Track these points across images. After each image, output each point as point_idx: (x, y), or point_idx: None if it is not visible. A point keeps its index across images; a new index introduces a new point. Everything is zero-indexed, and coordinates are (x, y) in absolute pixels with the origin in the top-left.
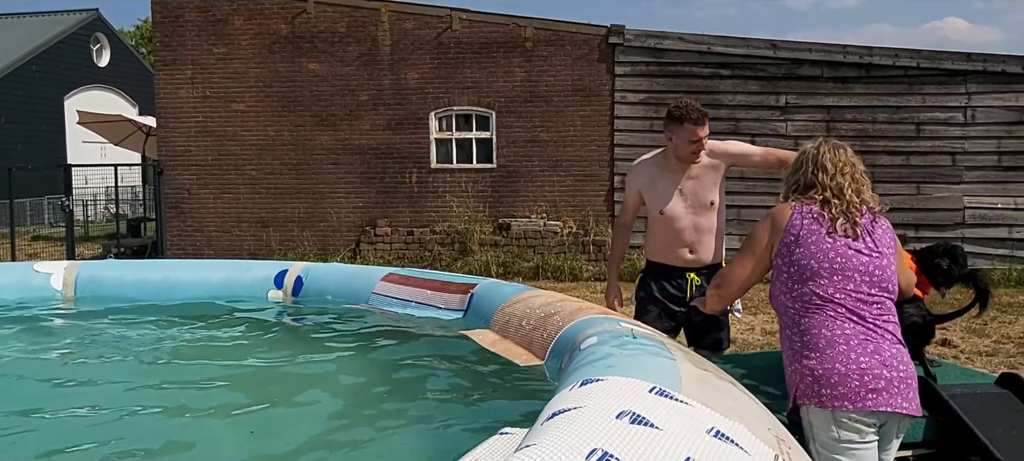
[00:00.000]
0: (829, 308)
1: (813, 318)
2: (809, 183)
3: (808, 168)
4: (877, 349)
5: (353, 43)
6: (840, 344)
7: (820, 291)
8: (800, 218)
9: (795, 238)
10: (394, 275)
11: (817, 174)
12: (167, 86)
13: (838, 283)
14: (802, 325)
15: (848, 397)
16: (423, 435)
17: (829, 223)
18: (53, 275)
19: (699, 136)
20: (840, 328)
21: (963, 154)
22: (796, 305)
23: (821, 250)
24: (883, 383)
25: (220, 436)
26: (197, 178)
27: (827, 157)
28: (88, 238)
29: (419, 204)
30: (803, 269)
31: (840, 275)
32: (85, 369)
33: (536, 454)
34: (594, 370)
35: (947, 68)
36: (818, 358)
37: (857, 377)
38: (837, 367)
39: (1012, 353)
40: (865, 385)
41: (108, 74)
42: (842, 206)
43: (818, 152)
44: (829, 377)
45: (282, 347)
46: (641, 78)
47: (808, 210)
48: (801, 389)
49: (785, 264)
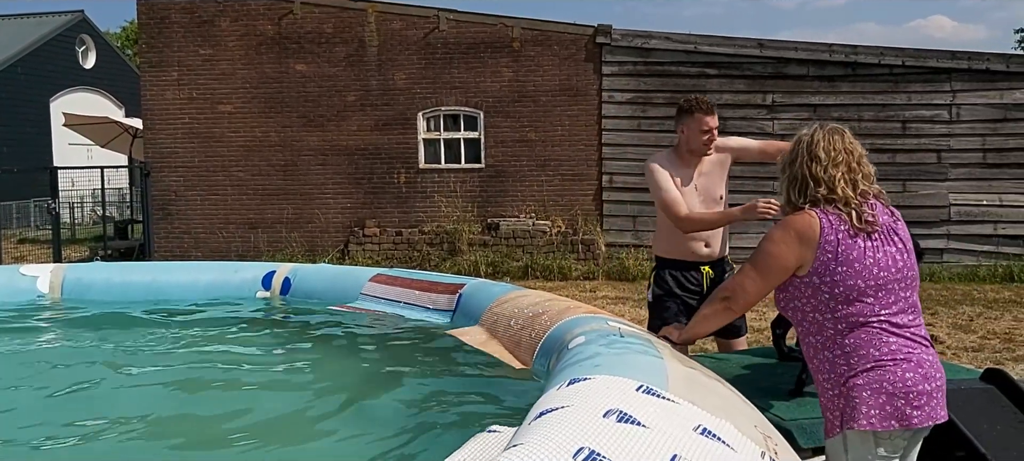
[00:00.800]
0: (873, 325)
1: (858, 337)
2: (805, 177)
3: (802, 158)
4: (919, 362)
5: (340, 44)
6: (887, 362)
7: (867, 310)
8: (834, 233)
9: (833, 256)
10: (382, 275)
11: (810, 165)
12: (153, 88)
13: (882, 299)
14: (846, 346)
15: (895, 416)
16: (411, 433)
17: (863, 234)
18: (39, 278)
19: (710, 125)
20: (885, 345)
21: (948, 151)
22: (838, 325)
23: (865, 267)
24: (924, 399)
25: (207, 437)
26: (184, 180)
27: (821, 146)
28: (75, 241)
29: (407, 204)
30: (850, 290)
31: (884, 291)
32: (71, 372)
33: (524, 453)
34: (582, 369)
35: (932, 66)
36: (867, 378)
37: (903, 396)
38: (884, 386)
39: (998, 349)
40: (910, 403)
41: (94, 76)
42: (848, 209)
43: (812, 140)
44: (877, 396)
45: (270, 348)
46: (628, 77)
47: (836, 219)
48: (848, 411)
49: (826, 284)
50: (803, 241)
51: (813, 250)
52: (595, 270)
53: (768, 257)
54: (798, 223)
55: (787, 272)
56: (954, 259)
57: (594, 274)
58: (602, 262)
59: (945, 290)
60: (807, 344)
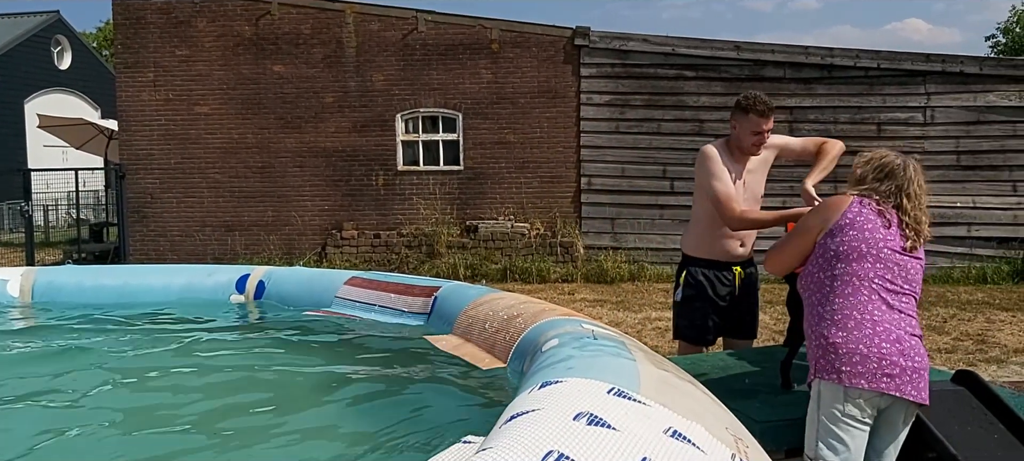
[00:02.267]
0: (863, 289)
1: (846, 297)
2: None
3: (892, 177)
4: (898, 338)
5: (318, 45)
6: (866, 326)
7: (860, 272)
8: (858, 206)
9: (850, 222)
10: (357, 279)
11: (900, 196)
12: (129, 89)
13: (879, 270)
14: (834, 302)
15: (864, 376)
16: (384, 440)
17: (896, 227)
18: (9, 281)
19: (762, 129)
20: (869, 311)
21: (923, 154)
22: (832, 282)
23: (874, 238)
24: (897, 371)
25: (177, 443)
26: (160, 182)
27: (915, 184)
28: (49, 244)
29: (386, 207)
30: (851, 249)
31: (882, 264)
32: (39, 376)
33: (493, 457)
34: (554, 372)
35: (907, 69)
36: (844, 336)
37: (875, 360)
38: (859, 347)
39: (971, 350)
40: (882, 368)
41: (69, 77)
42: (909, 221)
43: (911, 175)
44: (851, 355)
45: (243, 353)
46: (607, 79)
47: (869, 203)
48: (822, 362)
49: (833, 242)
50: (829, 207)
51: (836, 214)
52: (574, 273)
53: (801, 225)
54: (833, 200)
55: (810, 233)
56: (928, 261)
57: (573, 276)
58: (581, 265)
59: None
60: (809, 305)
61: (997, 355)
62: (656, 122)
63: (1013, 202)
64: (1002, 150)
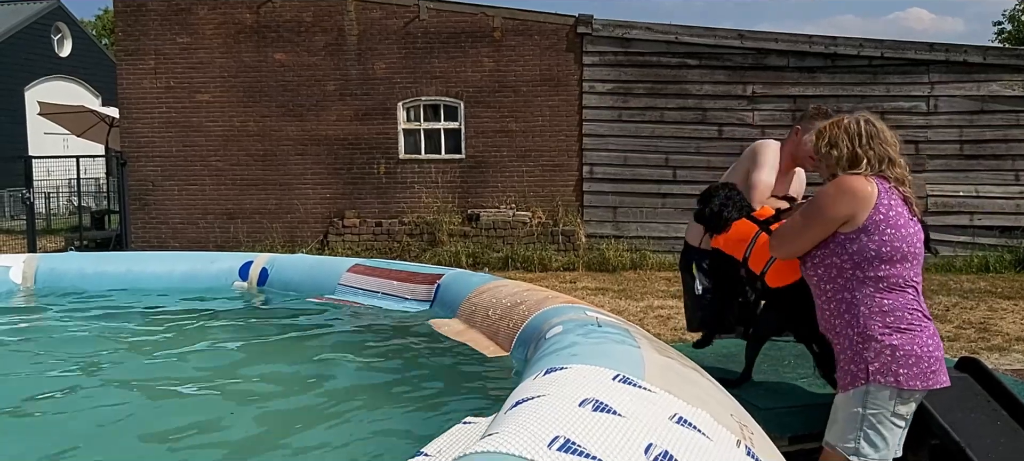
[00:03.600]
0: (909, 291)
1: (896, 299)
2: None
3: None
4: (933, 331)
5: (319, 33)
6: (917, 327)
7: (905, 274)
8: (887, 197)
9: (884, 217)
10: (360, 266)
11: (884, 146)
12: (130, 76)
13: (914, 267)
14: (884, 305)
15: (919, 377)
16: (387, 425)
17: (908, 205)
18: (12, 268)
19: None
20: (916, 312)
21: (926, 143)
22: (878, 284)
23: (909, 234)
24: (939, 364)
25: (179, 427)
26: (161, 170)
27: (887, 131)
28: (50, 231)
29: (387, 195)
30: (895, 251)
31: (915, 261)
32: (42, 362)
33: (499, 442)
34: (559, 359)
35: (910, 58)
36: (901, 338)
37: (927, 360)
38: (915, 349)
39: (973, 338)
40: (931, 366)
41: (70, 64)
42: (908, 187)
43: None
44: (908, 358)
45: (246, 339)
46: (609, 68)
47: (889, 187)
48: (876, 365)
49: (874, 242)
50: (857, 197)
51: (867, 208)
52: (575, 261)
53: (819, 210)
54: (853, 182)
55: (833, 225)
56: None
57: (574, 265)
58: (582, 253)
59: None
60: (838, 301)
61: (999, 343)
62: (659, 110)
63: (1016, 191)
64: (1005, 139)
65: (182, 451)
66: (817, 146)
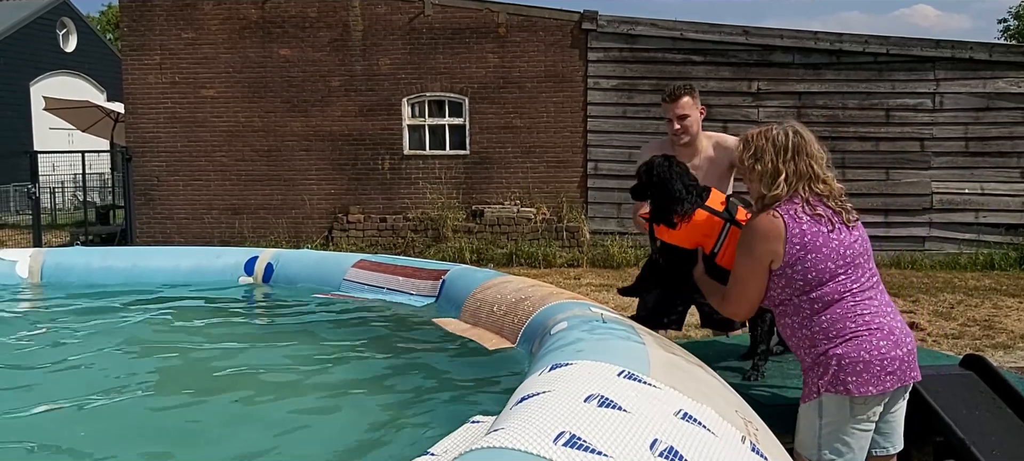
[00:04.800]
0: (847, 299)
1: (833, 313)
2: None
3: (803, 153)
4: (890, 330)
5: (324, 28)
6: (862, 332)
7: (840, 288)
8: (796, 225)
9: (801, 246)
10: (365, 261)
11: (809, 161)
12: (135, 72)
13: (852, 274)
14: (823, 323)
15: (870, 382)
16: (393, 421)
17: (827, 220)
18: (18, 262)
19: (671, 114)
20: (859, 317)
21: (931, 140)
22: (813, 306)
23: (832, 250)
24: (897, 364)
25: (186, 422)
26: (166, 165)
27: (814, 143)
28: (56, 226)
29: (392, 191)
30: (822, 273)
31: (853, 267)
32: (48, 357)
33: (505, 438)
34: (564, 355)
35: (916, 55)
36: (846, 347)
37: (878, 363)
38: (862, 354)
39: (978, 336)
40: (884, 369)
41: (75, 59)
42: (835, 199)
43: (805, 139)
44: (854, 365)
45: (251, 334)
46: (614, 64)
47: (797, 211)
48: (825, 379)
49: (798, 273)
50: (769, 238)
51: (781, 243)
52: (579, 257)
53: (749, 264)
54: (762, 224)
55: (765, 266)
56: (936, 247)
57: (578, 261)
58: (586, 249)
59: (926, 278)
60: (784, 325)
61: (1004, 341)
62: None
63: (1021, 189)
64: (1011, 137)
65: (186, 446)
66: (741, 156)
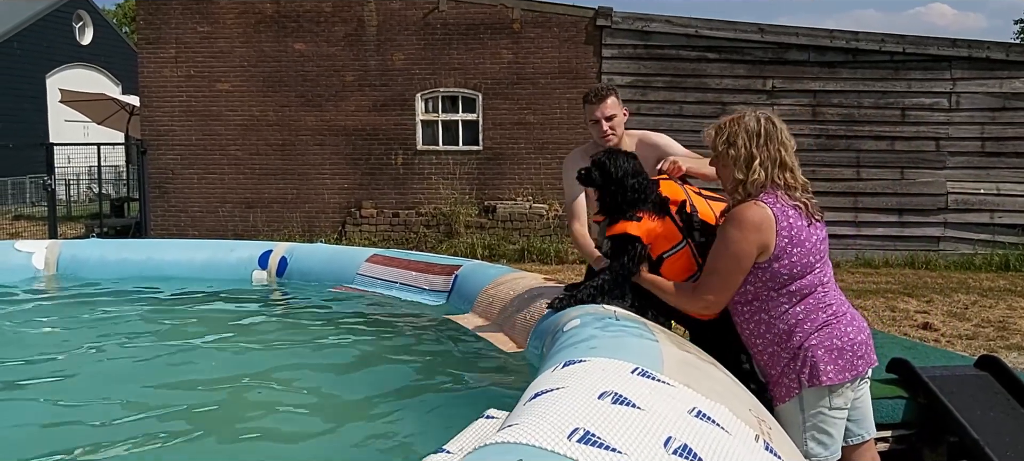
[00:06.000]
0: (819, 292)
1: (807, 304)
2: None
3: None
4: (852, 315)
5: (339, 23)
6: (832, 320)
7: (814, 279)
8: (784, 217)
9: (789, 238)
10: (379, 256)
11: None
12: (151, 65)
13: (822, 267)
14: (798, 314)
15: (847, 368)
16: (406, 416)
17: (805, 213)
18: (35, 254)
19: (596, 116)
20: (828, 307)
21: (947, 139)
22: (792, 298)
23: (812, 244)
24: (864, 348)
25: (199, 415)
26: (181, 158)
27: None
28: (71, 218)
29: (405, 186)
30: (804, 266)
31: (822, 260)
32: (63, 348)
33: (518, 433)
34: (577, 351)
35: (932, 54)
36: (820, 336)
37: (850, 349)
38: (836, 342)
39: (992, 336)
40: (855, 353)
41: (91, 52)
42: (802, 191)
43: (777, 127)
44: (830, 352)
45: (265, 328)
46: (628, 61)
47: (781, 204)
48: (807, 372)
49: (784, 266)
50: (761, 229)
51: (772, 234)
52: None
53: (735, 256)
54: (752, 214)
55: (751, 261)
56: (950, 247)
57: None
58: None
59: (941, 278)
60: (756, 322)
61: (1018, 342)
62: (678, 104)
63: None
64: None
65: (198, 441)
66: (714, 142)
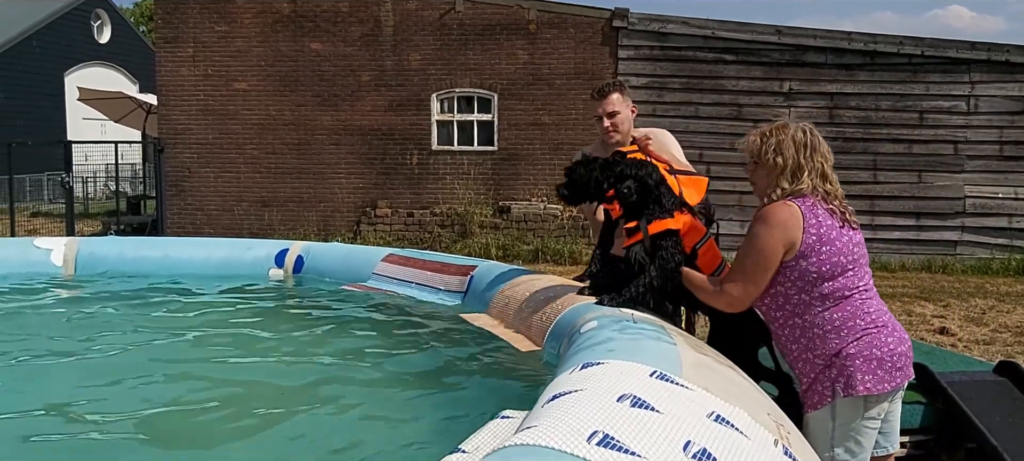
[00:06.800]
0: (856, 297)
1: (844, 310)
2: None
3: (818, 151)
4: (893, 326)
5: (356, 23)
6: (872, 330)
7: (849, 283)
8: (812, 215)
9: (817, 236)
10: (394, 256)
11: (822, 160)
12: (168, 64)
13: (858, 273)
14: (835, 320)
15: (884, 379)
16: (421, 416)
17: (839, 215)
18: (53, 251)
19: (600, 111)
20: (867, 315)
21: (965, 143)
22: (825, 302)
23: (844, 244)
24: (904, 360)
25: (215, 413)
26: (198, 156)
27: (824, 143)
28: (87, 215)
29: (420, 186)
30: (835, 266)
31: (857, 266)
32: (80, 345)
33: (537, 435)
34: (595, 354)
35: (951, 57)
36: (858, 346)
37: (889, 359)
38: (874, 352)
39: (1009, 341)
40: (895, 365)
41: (108, 51)
42: (840, 201)
43: (818, 138)
44: (869, 363)
45: (281, 327)
46: (645, 62)
47: (812, 204)
48: (843, 381)
49: (812, 264)
50: (787, 226)
51: (799, 232)
52: None
53: (761, 253)
54: (780, 212)
55: (778, 259)
56: (968, 252)
57: None
58: None
59: (958, 283)
60: (790, 327)
61: None
62: (694, 106)
63: None
64: None
65: (212, 437)
66: (761, 151)
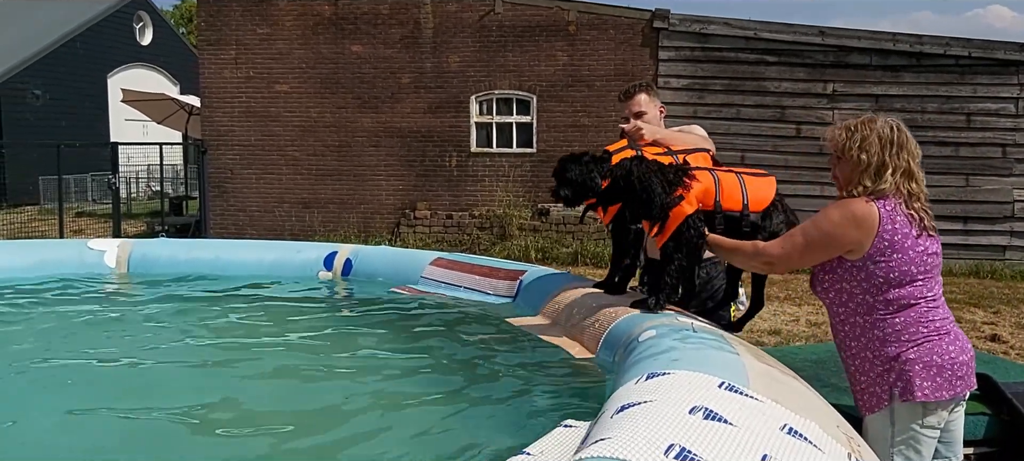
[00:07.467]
0: (922, 305)
1: (907, 316)
2: (904, 168)
3: (905, 148)
4: (956, 335)
5: (396, 25)
6: (934, 337)
7: (916, 292)
8: (890, 221)
9: (889, 243)
10: (442, 260)
11: (909, 158)
12: (211, 66)
13: (928, 283)
14: (896, 324)
15: (944, 387)
16: (476, 418)
17: (918, 223)
18: (107, 253)
19: (628, 111)
20: (931, 322)
21: (1014, 146)
22: (889, 306)
23: (918, 254)
24: (965, 369)
25: (267, 414)
26: (240, 158)
27: (912, 140)
28: (131, 215)
29: (458, 188)
30: (904, 274)
31: (929, 276)
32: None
33: (615, 447)
34: (658, 363)
35: (999, 58)
36: (918, 351)
37: (950, 368)
38: (934, 359)
39: None
40: (955, 373)
41: (150, 53)
42: (922, 203)
43: (906, 135)
44: (928, 369)
45: (333, 329)
46: (685, 63)
47: (893, 208)
48: (901, 385)
49: (880, 269)
50: (861, 226)
51: (871, 236)
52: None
53: (824, 235)
54: (859, 208)
55: (835, 252)
56: (1018, 257)
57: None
58: None
59: (1007, 288)
60: (851, 324)
61: None
62: (735, 107)
63: None
64: None
65: (268, 437)
66: (846, 145)
